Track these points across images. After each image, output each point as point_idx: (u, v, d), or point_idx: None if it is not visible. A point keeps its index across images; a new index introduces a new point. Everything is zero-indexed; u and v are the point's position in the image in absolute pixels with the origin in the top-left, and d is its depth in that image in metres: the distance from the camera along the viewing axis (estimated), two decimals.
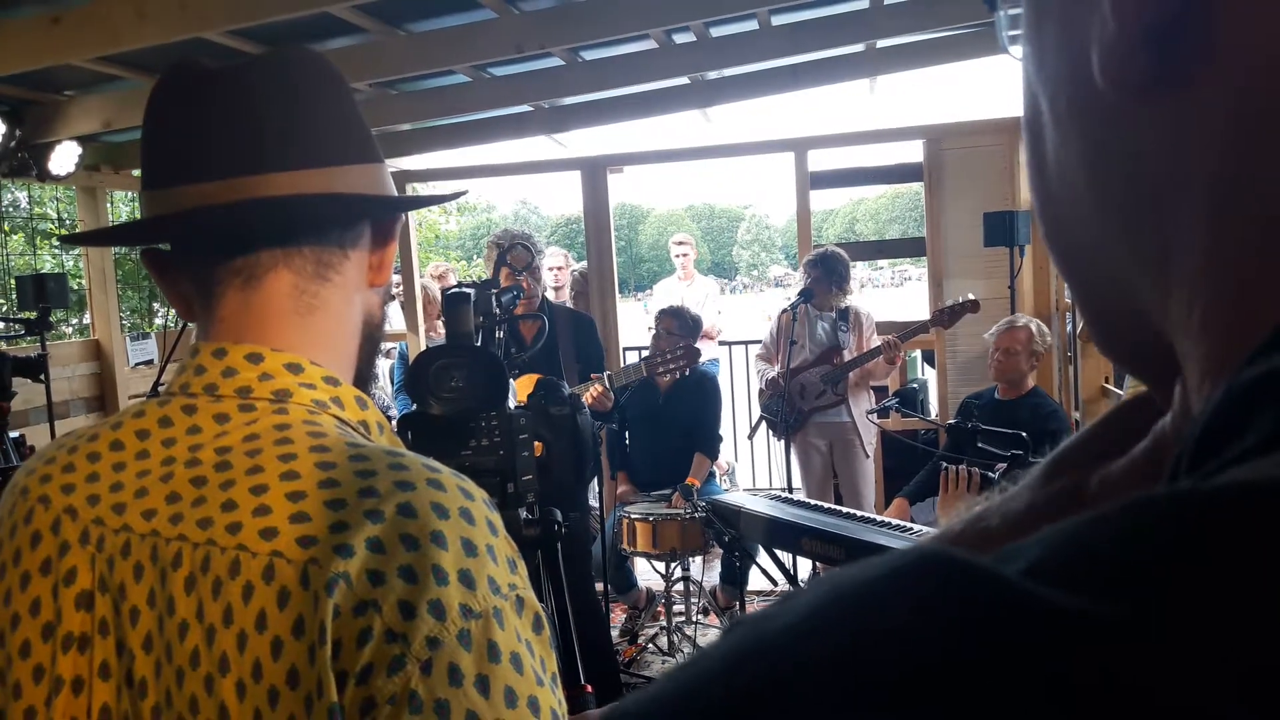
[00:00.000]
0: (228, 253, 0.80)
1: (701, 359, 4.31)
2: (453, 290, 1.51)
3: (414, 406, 1.38)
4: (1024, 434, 2.82)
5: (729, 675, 0.21)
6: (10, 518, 0.80)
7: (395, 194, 0.89)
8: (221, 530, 0.70)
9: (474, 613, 0.66)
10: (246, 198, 0.77)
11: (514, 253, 3.50)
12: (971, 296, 4.51)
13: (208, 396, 0.78)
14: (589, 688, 1.39)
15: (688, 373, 3.91)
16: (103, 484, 0.77)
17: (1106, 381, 4.73)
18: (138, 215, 0.87)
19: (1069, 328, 5.12)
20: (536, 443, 1.37)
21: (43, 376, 3.58)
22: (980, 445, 3.00)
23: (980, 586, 0.20)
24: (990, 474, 2.87)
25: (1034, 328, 3.90)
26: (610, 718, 0.24)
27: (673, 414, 4.52)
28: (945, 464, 3.01)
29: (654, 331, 4.52)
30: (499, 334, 1.97)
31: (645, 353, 4.81)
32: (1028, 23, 0.33)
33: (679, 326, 4.40)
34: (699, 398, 4.52)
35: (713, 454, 4.62)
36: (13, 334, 4.28)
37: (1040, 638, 0.19)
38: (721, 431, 4.72)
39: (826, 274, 4.57)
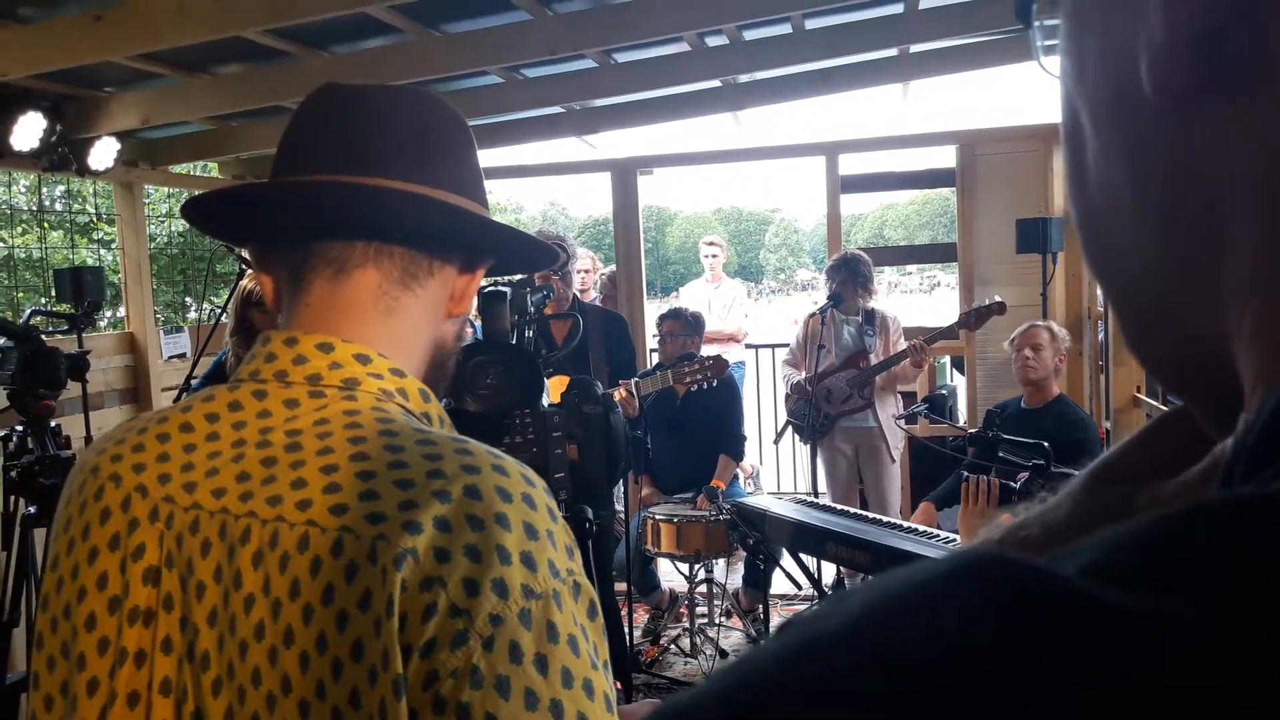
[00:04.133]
0: (324, 235, 0.83)
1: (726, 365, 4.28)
2: (489, 289, 1.53)
3: (445, 402, 1.40)
4: (1046, 443, 2.79)
5: (780, 675, 0.21)
6: (80, 495, 0.82)
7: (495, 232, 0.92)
8: (291, 507, 0.72)
9: (535, 593, 0.68)
10: (352, 181, 0.81)
11: None
12: (998, 299, 4.45)
13: (278, 383, 0.80)
14: (618, 685, 1.40)
15: (714, 384, 3.87)
16: (173, 463, 0.79)
17: (1138, 391, 4.68)
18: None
19: (1101, 336, 5.07)
20: (570, 444, 1.38)
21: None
22: (1002, 455, 2.98)
23: (1036, 587, 0.20)
24: (1011, 484, 2.85)
25: (1053, 327, 3.87)
26: (661, 713, 0.24)
27: (692, 417, 4.51)
28: (966, 475, 2.98)
29: (659, 336, 4.53)
30: (528, 333, 1.98)
31: (654, 358, 4.78)
32: (1066, 34, 0.33)
33: (682, 327, 4.41)
34: (718, 399, 4.50)
35: (737, 455, 4.61)
36: (53, 329, 4.35)
37: (1099, 637, 0.19)
38: (744, 431, 4.71)
39: (851, 276, 4.56)
